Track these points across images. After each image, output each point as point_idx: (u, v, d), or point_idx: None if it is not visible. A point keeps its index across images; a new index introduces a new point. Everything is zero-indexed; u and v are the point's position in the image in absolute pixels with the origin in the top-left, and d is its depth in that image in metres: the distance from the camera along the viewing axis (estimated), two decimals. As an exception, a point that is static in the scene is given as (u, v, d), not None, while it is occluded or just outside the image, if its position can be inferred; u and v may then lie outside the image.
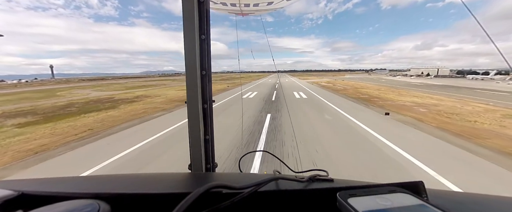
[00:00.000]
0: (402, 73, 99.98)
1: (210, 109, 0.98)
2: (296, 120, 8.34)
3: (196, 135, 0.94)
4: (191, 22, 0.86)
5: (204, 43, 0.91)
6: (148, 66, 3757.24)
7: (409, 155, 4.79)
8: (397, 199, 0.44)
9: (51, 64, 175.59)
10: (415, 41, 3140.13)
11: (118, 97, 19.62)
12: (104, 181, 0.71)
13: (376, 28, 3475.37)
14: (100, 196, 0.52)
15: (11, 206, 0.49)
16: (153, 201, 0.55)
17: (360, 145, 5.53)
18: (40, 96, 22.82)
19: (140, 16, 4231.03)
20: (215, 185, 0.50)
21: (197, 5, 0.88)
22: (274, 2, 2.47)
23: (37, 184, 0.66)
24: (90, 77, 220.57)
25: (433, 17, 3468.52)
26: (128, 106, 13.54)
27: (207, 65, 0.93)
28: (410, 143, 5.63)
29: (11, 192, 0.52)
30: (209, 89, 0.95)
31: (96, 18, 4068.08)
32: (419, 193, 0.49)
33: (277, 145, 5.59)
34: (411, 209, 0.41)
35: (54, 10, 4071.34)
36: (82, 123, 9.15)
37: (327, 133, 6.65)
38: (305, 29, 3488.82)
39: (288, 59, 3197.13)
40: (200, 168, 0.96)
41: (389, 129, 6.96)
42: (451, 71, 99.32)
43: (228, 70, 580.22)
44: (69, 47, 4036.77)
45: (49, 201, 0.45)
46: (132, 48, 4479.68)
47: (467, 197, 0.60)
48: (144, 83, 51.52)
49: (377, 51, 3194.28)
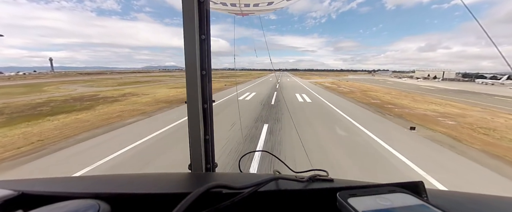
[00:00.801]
0: (407, 75, 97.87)
1: (210, 109, 0.98)
2: (302, 138, 6.46)
3: (196, 135, 0.93)
4: (191, 22, 0.86)
5: (204, 43, 0.91)
6: (150, 61, 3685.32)
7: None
8: (397, 199, 0.44)
9: (50, 57, 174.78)
10: (418, 42, 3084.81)
11: (104, 94, 17.92)
12: (104, 181, 0.71)
13: (380, 28, 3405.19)
14: (100, 196, 0.51)
15: (11, 206, 0.48)
16: (153, 201, 0.55)
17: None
18: (22, 92, 21.14)
19: (143, 10, 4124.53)
20: (215, 185, 0.50)
21: (197, 5, 0.88)
22: (274, 2, 2.48)
23: (37, 184, 0.66)
24: (90, 70, 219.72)
25: (438, 18, 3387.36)
26: (106, 107, 11.82)
27: (207, 65, 0.92)
28: (470, 185, 3.88)
29: (11, 192, 0.51)
30: (209, 89, 0.95)
31: (98, 12, 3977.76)
32: (419, 193, 0.48)
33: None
34: (411, 209, 0.41)
35: (57, 3, 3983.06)
36: (40, 130, 7.47)
37: (346, 162, 4.88)
38: (308, 28, 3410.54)
39: (290, 57, 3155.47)
40: (200, 168, 0.96)
41: (425, 154, 5.20)
42: (457, 74, 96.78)
43: (230, 67, 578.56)
44: (71, 41, 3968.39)
45: (49, 201, 0.45)
46: (134, 43, 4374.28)
47: (467, 197, 0.59)
48: (141, 78, 50.09)
49: (380, 52, 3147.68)
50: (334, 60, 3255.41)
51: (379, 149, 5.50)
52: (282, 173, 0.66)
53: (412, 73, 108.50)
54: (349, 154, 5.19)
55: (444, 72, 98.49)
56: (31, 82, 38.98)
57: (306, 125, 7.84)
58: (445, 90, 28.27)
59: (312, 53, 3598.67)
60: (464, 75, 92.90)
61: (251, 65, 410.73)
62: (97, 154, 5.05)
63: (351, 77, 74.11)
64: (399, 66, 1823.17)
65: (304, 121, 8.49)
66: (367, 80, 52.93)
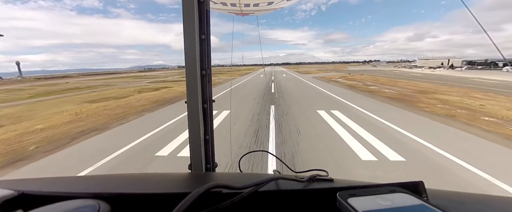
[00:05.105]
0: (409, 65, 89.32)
1: (210, 109, 0.98)
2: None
3: (196, 135, 0.93)
4: (191, 22, 0.86)
5: (204, 43, 0.91)
6: (137, 61, 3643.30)
7: None
8: (397, 199, 0.43)
9: (17, 61, 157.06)
10: (407, 32, 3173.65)
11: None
12: (104, 181, 0.71)
13: (369, 19, 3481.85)
14: (100, 196, 0.51)
15: (11, 206, 0.48)
16: (153, 201, 0.54)
17: None
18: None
19: (127, 7, 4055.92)
20: (215, 185, 0.49)
21: (197, 5, 0.88)
22: (274, 2, 2.45)
23: (37, 184, 0.67)
24: (69, 73, 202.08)
25: (425, 8, 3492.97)
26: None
27: (207, 65, 0.92)
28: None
29: (11, 192, 0.51)
30: (209, 89, 0.95)
31: (79, 10, 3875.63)
32: (419, 193, 0.48)
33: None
34: (411, 209, 0.41)
35: (33, 2, 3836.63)
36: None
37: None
38: (298, 21, 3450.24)
39: (281, 51, 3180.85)
40: (200, 168, 0.96)
41: None
42: (463, 62, 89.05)
43: (220, 63, 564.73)
44: (51, 42, 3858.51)
45: (49, 201, 0.45)
46: (119, 42, 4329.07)
47: (467, 197, 0.58)
48: (109, 80, 40.59)
49: (369, 43, 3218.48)
50: (324, 52, 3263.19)
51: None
52: (282, 173, 0.65)
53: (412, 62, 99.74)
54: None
55: (449, 60, 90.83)
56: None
57: None
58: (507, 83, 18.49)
59: (302, 47, 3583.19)
60: (469, 62, 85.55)
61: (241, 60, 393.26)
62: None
63: (352, 69, 64.19)
64: (388, 57, 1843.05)
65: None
66: (375, 72, 42.76)
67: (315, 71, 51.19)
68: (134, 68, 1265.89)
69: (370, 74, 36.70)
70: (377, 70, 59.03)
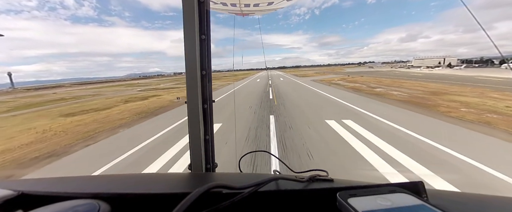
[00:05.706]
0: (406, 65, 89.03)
1: (210, 109, 0.97)
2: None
3: (196, 135, 0.92)
4: (191, 22, 0.86)
5: (204, 43, 0.90)
6: (132, 69, 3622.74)
7: None
8: (397, 199, 0.43)
9: (9, 72, 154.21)
10: (400, 33, 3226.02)
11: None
12: (104, 181, 0.70)
13: (362, 22, 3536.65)
14: (100, 196, 0.51)
15: (11, 206, 0.48)
16: (153, 201, 0.54)
17: None
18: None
19: (121, 15, 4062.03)
20: (215, 185, 0.49)
21: (197, 5, 0.87)
22: (274, 2, 2.41)
23: (37, 184, 0.66)
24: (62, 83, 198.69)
25: (416, 10, 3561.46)
26: None
27: (207, 65, 0.91)
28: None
29: (11, 192, 0.51)
30: (209, 89, 0.94)
31: (73, 20, 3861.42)
32: (419, 193, 0.48)
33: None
34: (411, 209, 0.40)
35: (27, 12, 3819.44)
36: None
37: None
38: (292, 25, 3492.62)
39: (277, 55, 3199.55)
40: (200, 168, 0.95)
41: None
42: (458, 60, 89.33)
43: (216, 69, 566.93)
44: (46, 52, 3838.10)
45: (49, 201, 0.45)
46: (114, 50, 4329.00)
47: (467, 197, 0.58)
48: (100, 89, 38.98)
49: (363, 45, 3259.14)
50: (319, 55, 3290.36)
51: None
52: (282, 173, 0.65)
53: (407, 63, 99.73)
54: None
55: (444, 59, 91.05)
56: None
57: None
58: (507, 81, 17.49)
59: (297, 50, 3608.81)
60: (465, 61, 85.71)
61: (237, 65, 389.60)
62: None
63: (350, 71, 63.45)
64: (382, 58, 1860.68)
65: None
66: (375, 73, 41.89)
67: (312, 74, 50.16)
68: (130, 75, 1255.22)
69: (369, 75, 35.76)
70: (374, 71, 58.36)
